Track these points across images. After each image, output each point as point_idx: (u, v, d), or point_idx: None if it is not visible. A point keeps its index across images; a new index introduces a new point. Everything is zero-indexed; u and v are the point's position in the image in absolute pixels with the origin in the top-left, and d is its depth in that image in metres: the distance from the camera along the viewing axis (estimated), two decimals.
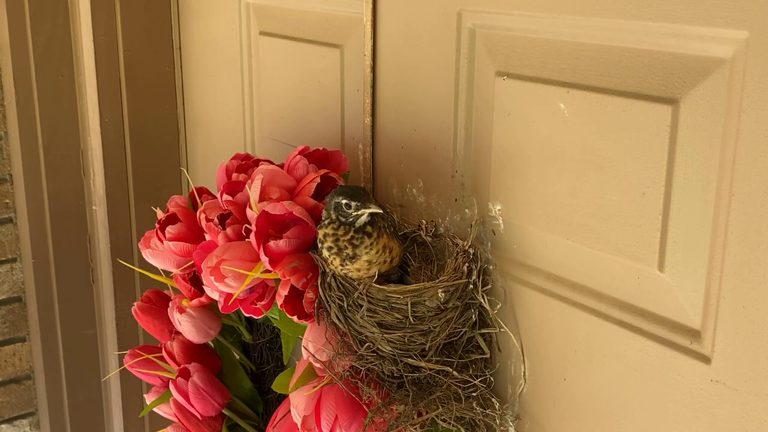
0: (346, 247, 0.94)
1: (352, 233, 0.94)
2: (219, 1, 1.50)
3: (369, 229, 0.95)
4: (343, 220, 0.94)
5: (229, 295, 1.02)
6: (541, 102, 0.89)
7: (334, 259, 0.95)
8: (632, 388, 0.85)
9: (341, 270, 0.96)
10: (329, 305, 0.97)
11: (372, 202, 0.94)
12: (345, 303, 0.96)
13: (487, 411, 0.97)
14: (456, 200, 1.03)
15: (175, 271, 1.15)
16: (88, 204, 1.74)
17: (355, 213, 0.94)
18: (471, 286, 0.96)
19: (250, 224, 1.02)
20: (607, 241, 0.85)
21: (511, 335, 0.98)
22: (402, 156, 1.10)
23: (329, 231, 0.95)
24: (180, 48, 1.67)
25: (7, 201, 1.75)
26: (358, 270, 0.95)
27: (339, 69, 1.22)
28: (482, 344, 0.99)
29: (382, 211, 0.95)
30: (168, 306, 1.21)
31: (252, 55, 1.43)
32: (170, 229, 1.12)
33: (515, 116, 0.93)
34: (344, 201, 0.94)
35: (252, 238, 0.99)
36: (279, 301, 0.98)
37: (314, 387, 0.98)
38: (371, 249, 0.95)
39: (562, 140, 0.88)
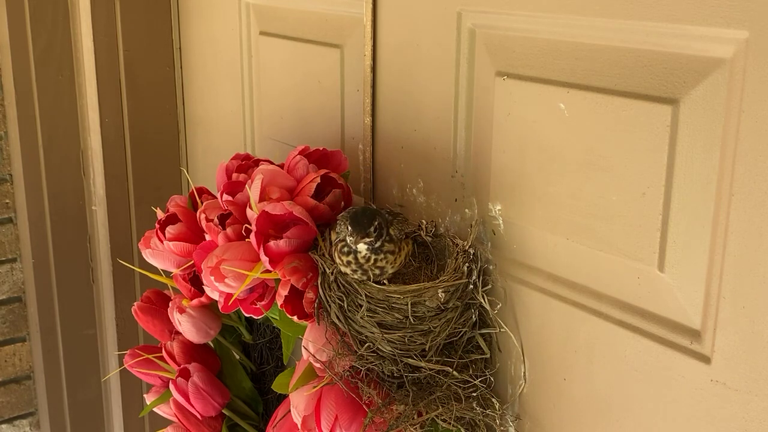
0: (372, 269, 0.93)
1: (373, 257, 0.92)
2: (219, 1, 1.50)
3: (389, 246, 0.93)
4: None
5: (229, 295, 1.02)
6: (541, 102, 0.89)
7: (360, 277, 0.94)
8: (632, 388, 0.85)
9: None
10: (329, 305, 0.97)
11: (368, 231, 0.90)
12: (345, 303, 0.96)
13: (487, 411, 0.97)
14: (456, 200, 1.03)
15: (175, 271, 1.15)
16: (88, 204, 1.74)
17: (354, 247, 0.92)
18: (471, 286, 0.96)
19: (250, 224, 1.02)
20: (607, 241, 0.85)
21: (511, 335, 0.97)
22: (402, 156, 1.10)
23: (350, 260, 0.92)
24: (180, 48, 1.67)
25: (7, 201, 1.75)
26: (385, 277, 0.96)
27: (339, 69, 1.21)
28: (482, 344, 0.99)
29: (376, 243, 0.91)
30: (168, 306, 1.21)
31: (252, 55, 1.43)
32: (170, 229, 1.12)
33: (515, 116, 0.93)
34: (342, 242, 0.92)
35: (252, 238, 0.99)
36: (279, 301, 0.98)
37: (314, 387, 0.98)
38: (396, 262, 0.94)
39: (562, 140, 0.88)
